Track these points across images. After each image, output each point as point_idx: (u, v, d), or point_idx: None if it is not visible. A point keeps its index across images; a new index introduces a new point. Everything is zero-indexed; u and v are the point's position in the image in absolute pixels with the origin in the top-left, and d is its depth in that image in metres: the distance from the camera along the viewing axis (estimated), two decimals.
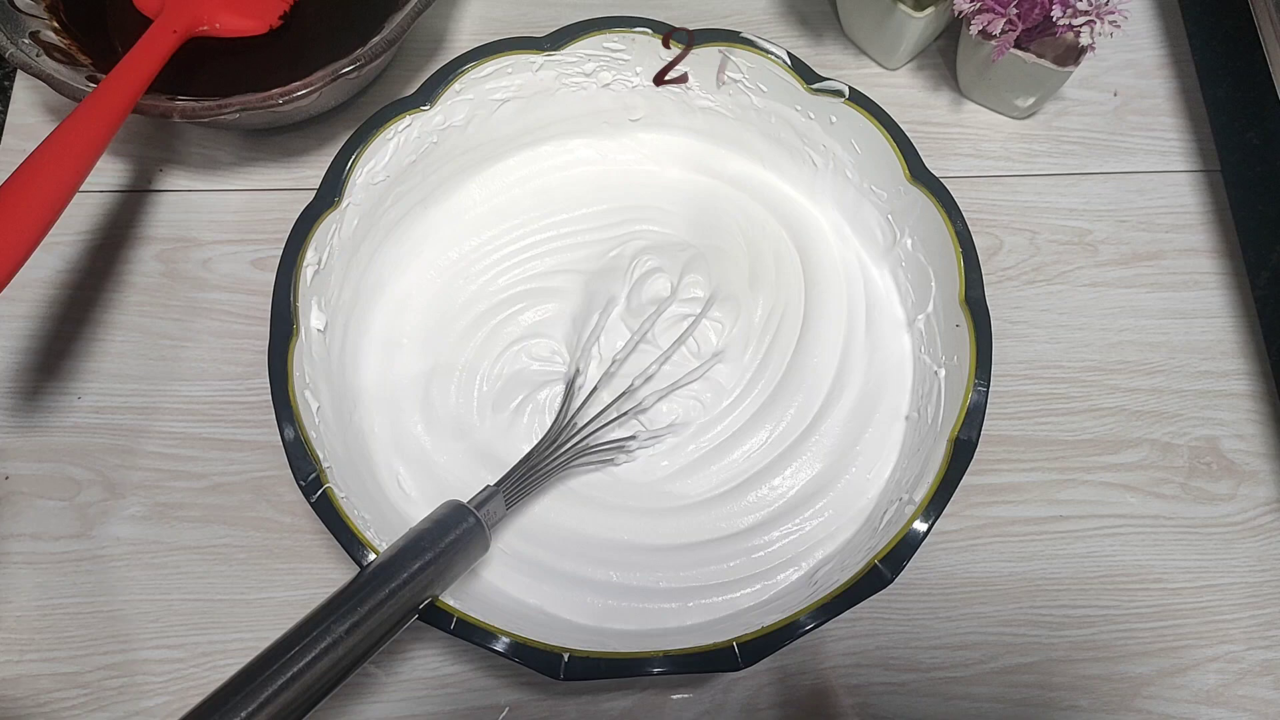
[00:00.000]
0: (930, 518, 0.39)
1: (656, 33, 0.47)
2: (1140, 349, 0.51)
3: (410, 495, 0.44)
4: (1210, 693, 0.44)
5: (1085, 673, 0.45)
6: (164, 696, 0.43)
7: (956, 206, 0.44)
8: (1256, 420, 0.49)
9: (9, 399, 0.48)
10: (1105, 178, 0.54)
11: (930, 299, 0.46)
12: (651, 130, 0.52)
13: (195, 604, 0.44)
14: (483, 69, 0.46)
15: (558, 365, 0.47)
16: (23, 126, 0.53)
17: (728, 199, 0.51)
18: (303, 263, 0.42)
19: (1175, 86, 0.57)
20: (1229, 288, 0.52)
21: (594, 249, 0.49)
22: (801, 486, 0.45)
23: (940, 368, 0.45)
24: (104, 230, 0.51)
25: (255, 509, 0.46)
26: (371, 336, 0.47)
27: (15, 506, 0.46)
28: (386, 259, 0.48)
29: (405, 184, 0.47)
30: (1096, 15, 0.47)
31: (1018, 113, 0.54)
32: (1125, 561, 0.47)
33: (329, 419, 0.43)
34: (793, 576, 0.43)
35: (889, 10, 0.51)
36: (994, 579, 0.46)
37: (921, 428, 0.45)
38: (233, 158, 0.53)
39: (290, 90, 0.44)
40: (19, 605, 0.44)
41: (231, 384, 0.48)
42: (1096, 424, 0.49)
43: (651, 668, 0.37)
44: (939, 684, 0.44)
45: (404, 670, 0.44)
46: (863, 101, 0.46)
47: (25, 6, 0.48)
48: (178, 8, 0.48)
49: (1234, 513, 0.48)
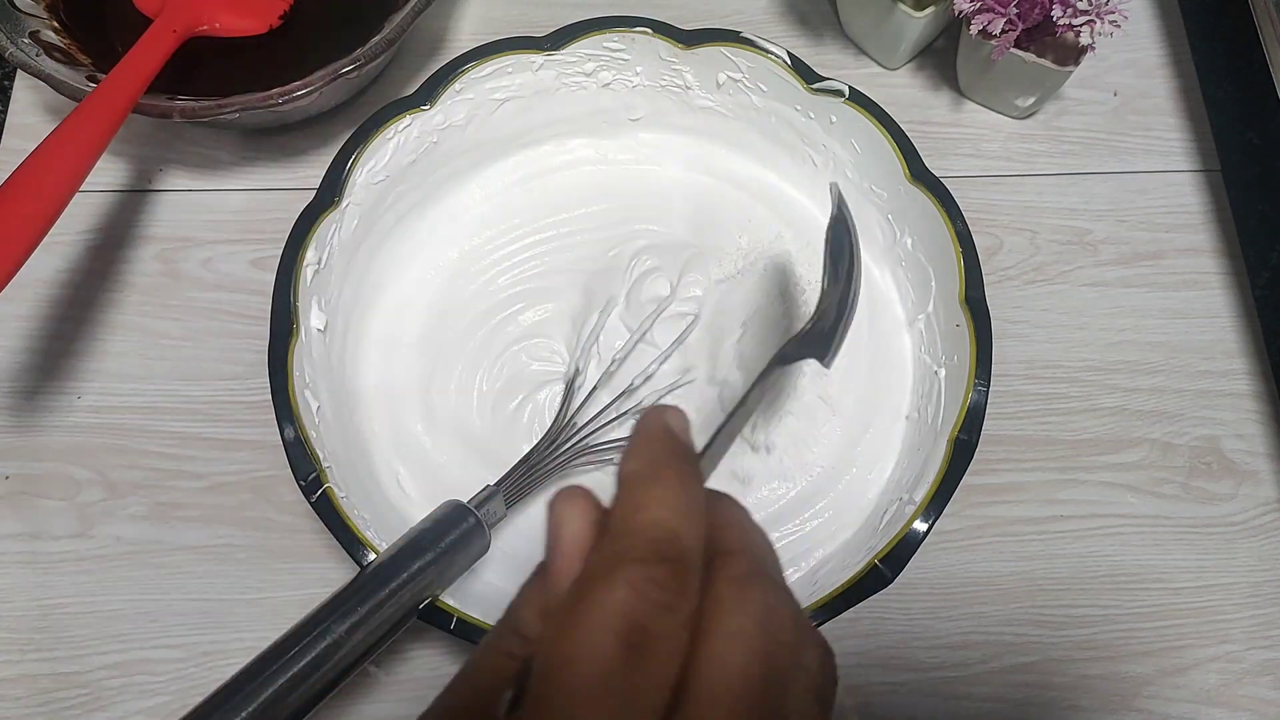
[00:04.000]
0: (930, 518, 0.39)
1: (657, 33, 0.47)
2: (1140, 349, 0.51)
3: (410, 495, 0.44)
4: (1211, 693, 0.44)
5: (1085, 673, 0.45)
6: (164, 696, 0.43)
7: (956, 206, 0.44)
8: (1257, 420, 0.49)
9: (9, 399, 0.48)
10: (1105, 177, 0.54)
11: (930, 299, 0.46)
12: (651, 130, 0.52)
13: (195, 604, 0.44)
14: (483, 69, 0.46)
15: (558, 365, 0.47)
16: (23, 126, 0.53)
17: (728, 199, 0.51)
18: (303, 263, 0.42)
19: (1175, 86, 0.57)
20: (1229, 288, 0.52)
21: (594, 249, 0.49)
22: (802, 487, 0.45)
23: (940, 367, 0.45)
24: (104, 230, 0.51)
25: (255, 509, 0.46)
26: (371, 336, 0.47)
27: (15, 506, 0.46)
28: (386, 259, 0.48)
29: (405, 184, 0.47)
30: (1096, 15, 0.47)
31: (1018, 113, 0.54)
32: (1125, 561, 0.47)
33: (329, 419, 0.43)
34: (793, 577, 0.43)
35: (889, 10, 0.51)
36: (994, 579, 0.46)
37: (921, 428, 0.45)
38: (233, 158, 0.53)
39: (290, 90, 0.44)
40: (19, 605, 0.44)
41: (231, 384, 0.48)
42: (1096, 424, 0.49)
43: None
44: (939, 684, 0.44)
45: (404, 670, 0.44)
46: (863, 101, 0.46)
47: (25, 6, 0.48)
48: (178, 8, 0.48)
49: (1234, 513, 0.48)
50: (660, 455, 0.23)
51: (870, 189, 0.48)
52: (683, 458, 0.23)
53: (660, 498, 0.21)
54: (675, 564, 0.20)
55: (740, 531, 0.23)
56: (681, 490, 0.22)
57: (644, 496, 0.22)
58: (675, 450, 0.23)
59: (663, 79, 0.49)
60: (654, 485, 0.22)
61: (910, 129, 0.46)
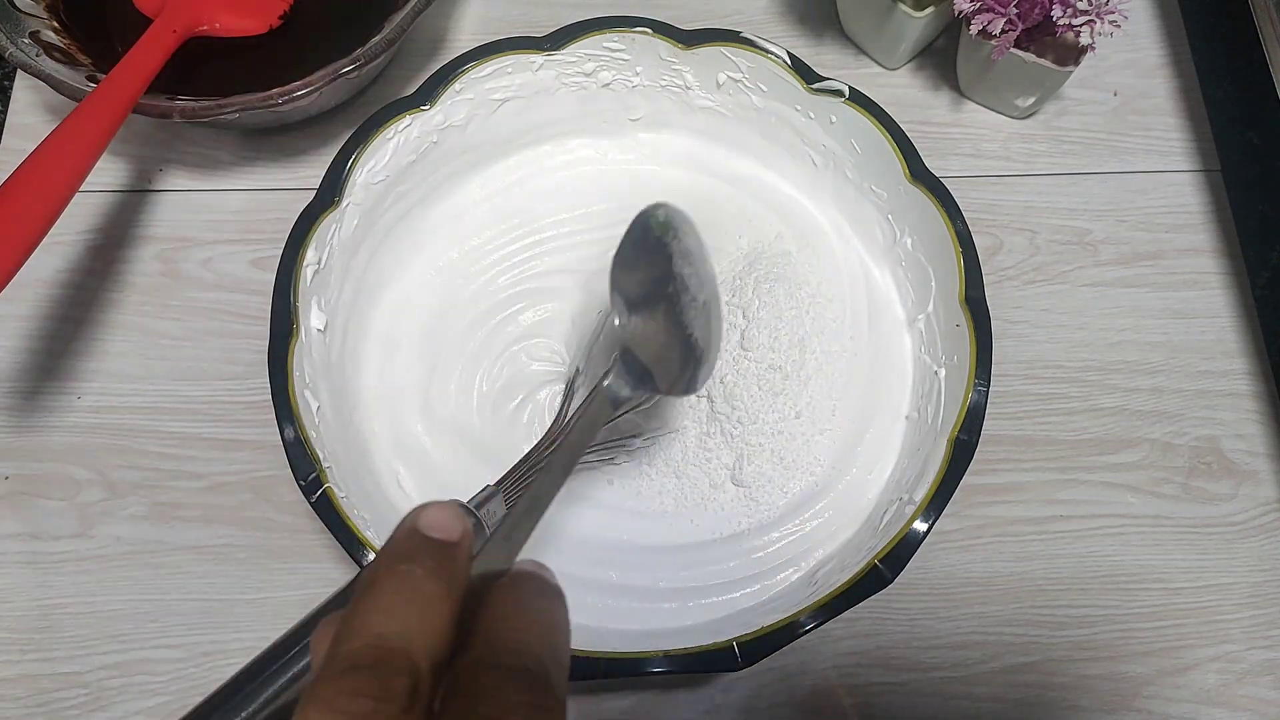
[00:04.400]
0: (930, 518, 0.39)
1: (657, 33, 0.47)
2: (1140, 349, 0.51)
3: (410, 495, 0.44)
4: (1210, 692, 0.44)
5: (1085, 672, 0.45)
6: (164, 696, 0.43)
7: (956, 206, 0.44)
8: (1256, 420, 0.49)
9: (9, 399, 0.48)
10: (1105, 178, 0.54)
11: (930, 299, 0.46)
12: (651, 130, 0.52)
13: (195, 604, 0.44)
14: (483, 69, 0.46)
15: (558, 365, 0.47)
16: (23, 126, 0.53)
17: (728, 199, 0.51)
18: (303, 263, 0.42)
19: (1175, 86, 0.57)
20: (1229, 288, 0.52)
21: (594, 249, 0.49)
22: (802, 487, 0.45)
23: (940, 367, 0.45)
24: (104, 230, 0.51)
25: (255, 509, 0.46)
26: (371, 336, 0.47)
27: (15, 506, 0.46)
28: (386, 259, 0.48)
29: (405, 184, 0.47)
30: (1096, 15, 0.47)
31: (1018, 113, 0.54)
32: (1125, 561, 0.47)
33: (329, 419, 0.43)
34: (793, 577, 0.43)
35: (889, 10, 0.51)
36: (994, 579, 0.46)
37: (921, 428, 0.45)
38: (233, 158, 0.53)
39: (290, 90, 0.44)
40: (19, 605, 0.44)
41: (231, 384, 0.48)
42: (1096, 424, 0.49)
43: (651, 667, 0.37)
44: (939, 684, 0.44)
45: None
46: (863, 101, 0.46)
47: (25, 6, 0.48)
48: (178, 8, 0.48)
49: (1234, 513, 0.48)
50: (384, 559, 0.22)
51: (870, 189, 0.48)
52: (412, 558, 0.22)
53: (372, 605, 0.21)
54: (376, 670, 0.20)
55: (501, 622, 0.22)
56: (398, 594, 0.21)
57: (356, 605, 0.21)
58: (406, 552, 0.22)
59: (663, 79, 0.49)
60: (368, 593, 0.21)
61: (910, 129, 0.46)
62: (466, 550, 0.24)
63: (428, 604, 0.21)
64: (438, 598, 0.22)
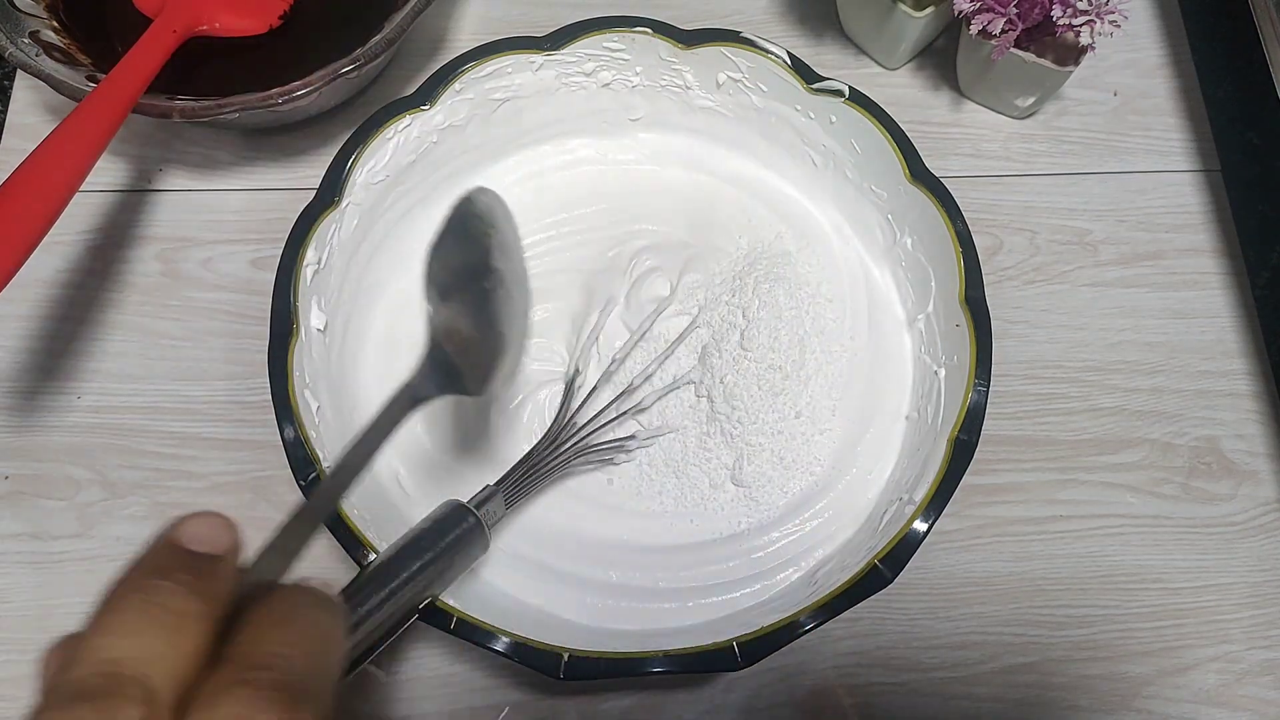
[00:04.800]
0: (930, 518, 0.39)
1: (657, 33, 0.47)
2: (1140, 349, 0.51)
3: (410, 495, 0.44)
4: (1210, 693, 0.44)
5: (1085, 673, 0.45)
6: None
7: (956, 206, 0.44)
8: (1256, 420, 0.49)
9: (9, 399, 0.48)
10: (1105, 178, 0.54)
11: (930, 299, 0.46)
12: (651, 130, 0.52)
13: None
14: (483, 69, 0.46)
15: (558, 365, 0.47)
16: (23, 126, 0.53)
17: (728, 199, 0.51)
18: (303, 262, 0.42)
19: (1175, 86, 0.57)
20: (1229, 288, 0.52)
21: (593, 249, 0.49)
22: (802, 487, 0.45)
23: (940, 367, 0.45)
24: (104, 230, 0.51)
25: (255, 509, 0.46)
26: (371, 336, 0.47)
27: (15, 506, 0.46)
28: (386, 259, 0.48)
29: (405, 184, 0.47)
30: (1096, 15, 0.47)
31: (1018, 113, 0.54)
32: (1125, 561, 0.47)
33: (329, 419, 0.43)
34: (793, 577, 0.43)
35: (889, 10, 0.51)
36: (994, 579, 0.46)
37: (921, 428, 0.45)
38: (233, 158, 0.53)
39: (290, 90, 0.44)
40: (19, 605, 0.44)
41: (231, 384, 0.48)
42: (1096, 424, 0.49)
43: (651, 667, 0.37)
44: (939, 684, 0.44)
45: (404, 670, 0.44)
46: (863, 101, 0.46)
47: (25, 6, 0.48)
48: (178, 7, 0.48)
49: (1234, 513, 0.48)
50: (131, 575, 0.21)
51: (870, 189, 0.48)
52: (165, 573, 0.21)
53: (109, 625, 0.20)
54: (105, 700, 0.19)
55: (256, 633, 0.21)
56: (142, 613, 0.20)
57: (91, 626, 0.20)
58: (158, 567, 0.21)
59: (663, 79, 0.49)
60: (105, 613, 0.20)
61: (910, 129, 0.46)
62: (231, 563, 0.22)
63: (179, 623, 0.20)
64: (192, 616, 0.20)
